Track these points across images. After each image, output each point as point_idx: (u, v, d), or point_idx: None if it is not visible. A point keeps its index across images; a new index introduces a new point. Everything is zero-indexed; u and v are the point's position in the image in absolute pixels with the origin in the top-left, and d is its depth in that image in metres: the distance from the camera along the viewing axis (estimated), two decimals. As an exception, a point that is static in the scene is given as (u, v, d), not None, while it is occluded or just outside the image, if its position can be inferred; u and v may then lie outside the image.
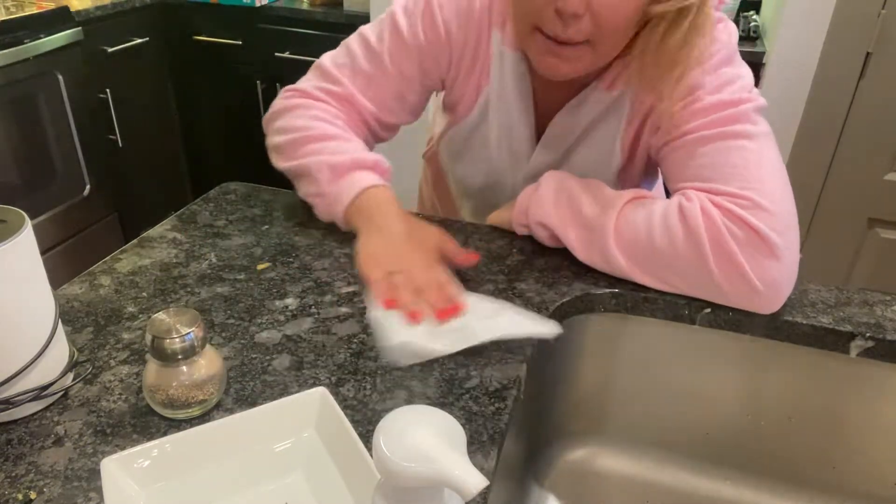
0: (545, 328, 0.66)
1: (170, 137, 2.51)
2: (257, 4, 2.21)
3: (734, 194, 0.69)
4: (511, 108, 0.87)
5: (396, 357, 0.62)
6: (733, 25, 0.80)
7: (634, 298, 0.74)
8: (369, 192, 0.78)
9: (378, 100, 0.86)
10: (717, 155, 0.72)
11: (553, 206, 0.77)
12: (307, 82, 0.88)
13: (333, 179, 0.79)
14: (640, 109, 0.81)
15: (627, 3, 0.69)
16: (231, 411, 0.57)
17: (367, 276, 0.71)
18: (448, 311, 0.66)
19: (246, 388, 0.59)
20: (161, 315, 0.54)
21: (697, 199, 0.70)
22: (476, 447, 0.54)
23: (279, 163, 0.85)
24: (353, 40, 0.87)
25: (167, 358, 0.53)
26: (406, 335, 0.63)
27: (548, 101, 0.86)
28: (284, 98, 0.87)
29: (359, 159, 0.80)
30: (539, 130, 0.89)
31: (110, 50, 2.15)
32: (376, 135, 0.91)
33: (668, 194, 0.88)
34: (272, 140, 0.86)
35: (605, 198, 0.75)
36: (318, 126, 0.82)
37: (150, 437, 0.54)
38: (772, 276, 0.67)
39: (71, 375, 0.59)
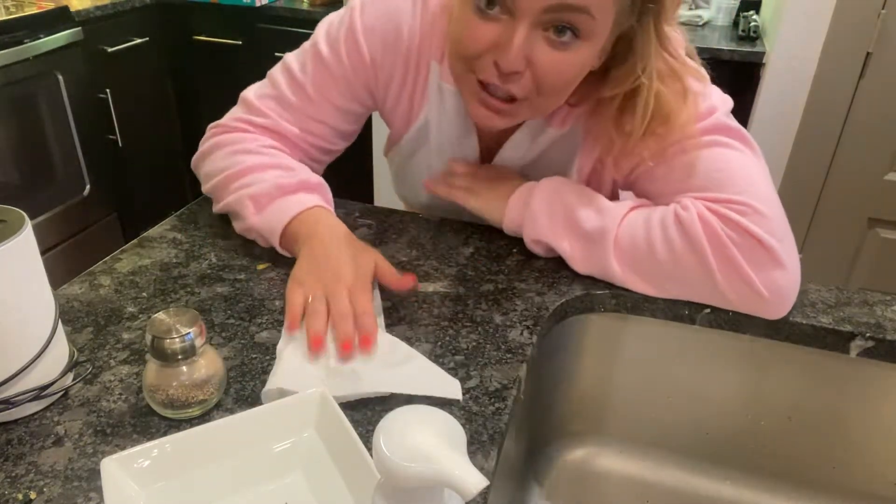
0: (447, 390, 0.59)
1: (170, 137, 2.51)
2: (257, 4, 2.21)
3: (730, 200, 0.68)
4: (453, 141, 0.84)
5: (266, 399, 0.57)
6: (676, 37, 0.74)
7: (634, 298, 0.74)
8: (302, 216, 0.74)
9: (306, 129, 0.82)
10: (702, 163, 0.71)
11: (548, 220, 0.75)
12: (231, 116, 0.84)
13: (257, 212, 0.76)
14: (597, 144, 0.78)
15: (570, 66, 0.65)
16: (231, 411, 0.57)
17: (287, 300, 0.66)
18: (350, 346, 0.61)
19: (246, 388, 0.59)
20: (161, 315, 0.54)
21: (694, 207, 0.69)
22: (476, 447, 0.54)
23: (213, 207, 0.83)
24: (276, 71, 0.83)
25: (167, 358, 0.53)
26: (287, 382, 0.57)
27: (492, 132, 0.82)
28: (209, 137, 0.84)
29: (282, 185, 0.76)
30: (485, 160, 0.86)
31: (110, 50, 2.15)
32: (315, 159, 0.86)
33: None
34: (204, 188, 0.84)
35: (603, 209, 0.73)
36: (239, 161, 0.78)
37: (150, 437, 0.54)
38: (777, 284, 0.67)
39: (71, 375, 0.59)
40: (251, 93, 0.84)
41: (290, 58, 0.83)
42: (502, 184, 0.81)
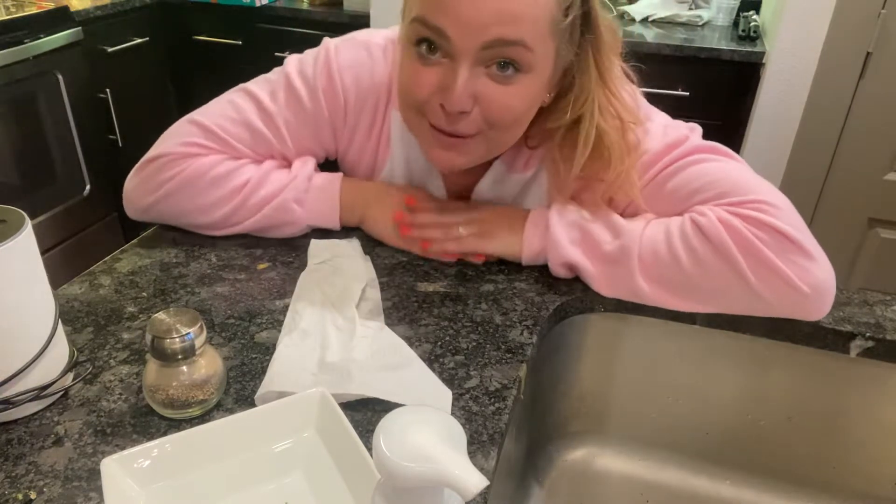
0: (439, 398, 0.58)
1: (170, 137, 2.50)
2: (257, 4, 2.21)
3: (743, 202, 0.67)
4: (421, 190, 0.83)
5: (259, 403, 0.57)
6: (631, 86, 0.75)
7: (634, 298, 0.73)
8: (342, 189, 0.81)
9: (269, 158, 0.81)
10: (698, 179, 0.71)
11: (569, 244, 0.73)
12: (182, 140, 0.77)
13: (304, 208, 0.79)
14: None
15: (517, 99, 0.66)
16: (231, 411, 0.57)
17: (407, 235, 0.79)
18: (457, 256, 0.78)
19: (246, 388, 0.59)
20: (161, 315, 0.54)
21: (711, 213, 0.68)
22: (476, 447, 0.54)
23: (225, 231, 0.80)
24: (236, 97, 0.79)
25: (167, 358, 0.53)
26: (278, 383, 0.57)
27: (459, 180, 0.82)
28: (159, 171, 0.77)
29: (308, 174, 0.79)
30: None
31: (110, 50, 2.15)
32: None
33: None
34: (195, 220, 0.79)
35: (620, 228, 0.71)
36: (241, 175, 0.77)
37: (150, 437, 0.54)
38: (815, 278, 0.66)
39: (71, 375, 0.59)
40: (204, 118, 0.79)
41: (253, 88, 0.79)
42: (509, 217, 0.78)
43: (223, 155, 0.78)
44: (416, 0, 0.65)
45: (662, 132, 0.74)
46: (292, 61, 0.80)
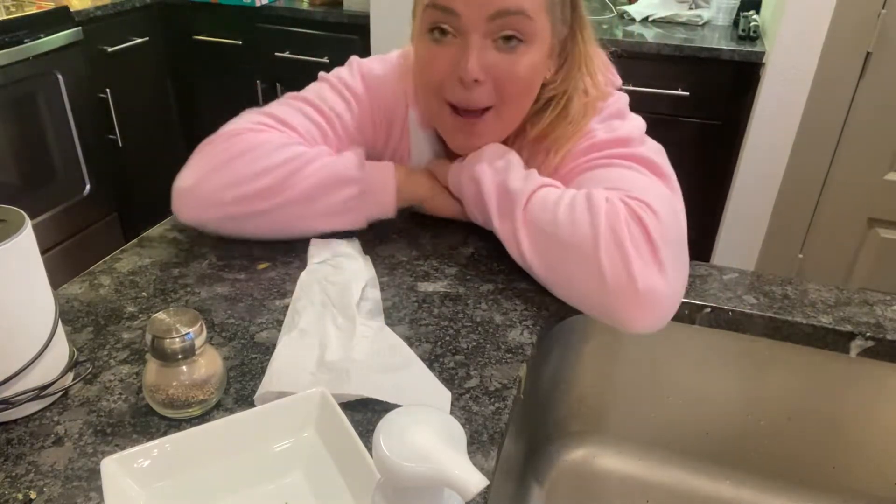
0: (438, 400, 0.59)
1: (170, 137, 2.51)
2: (257, 4, 2.21)
3: (634, 196, 0.69)
4: None
5: (259, 404, 0.57)
6: (624, 95, 0.86)
7: (634, 298, 0.73)
8: (395, 168, 0.84)
9: (319, 142, 0.84)
10: (614, 174, 0.74)
11: (488, 164, 0.78)
12: (250, 119, 0.82)
13: (363, 173, 0.79)
14: (550, 168, 0.82)
15: (523, 67, 0.74)
16: (231, 411, 0.57)
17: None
18: None
19: (246, 388, 0.59)
20: (161, 315, 0.54)
21: (606, 192, 0.71)
22: (476, 447, 0.54)
23: (270, 202, 0.76)
24: (289, 100, 0.86)
25: (167, 358, 0.53)
26: (277, 383, 0.57)
27: None
28: (226, 139, 0.78)
29: (361, 153, 0.82)
30: None
31: (110, 50, 2.15)
32: None
33: None
34: (246, 189, 0.75)
35: (530, 175, 0.76)
36: (301, 151, 0.78)
37: (150, 437, 0.54)
38: (653, 283, 0.65)
39: (71, 375, 0.59)
40: (268, 108, 0.84)
41: (300, 94, 0.87)
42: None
43: (286, 135, 0.81)
44: None
45: (627, 131, 0.79)
46: (326, 74, 0.89)
